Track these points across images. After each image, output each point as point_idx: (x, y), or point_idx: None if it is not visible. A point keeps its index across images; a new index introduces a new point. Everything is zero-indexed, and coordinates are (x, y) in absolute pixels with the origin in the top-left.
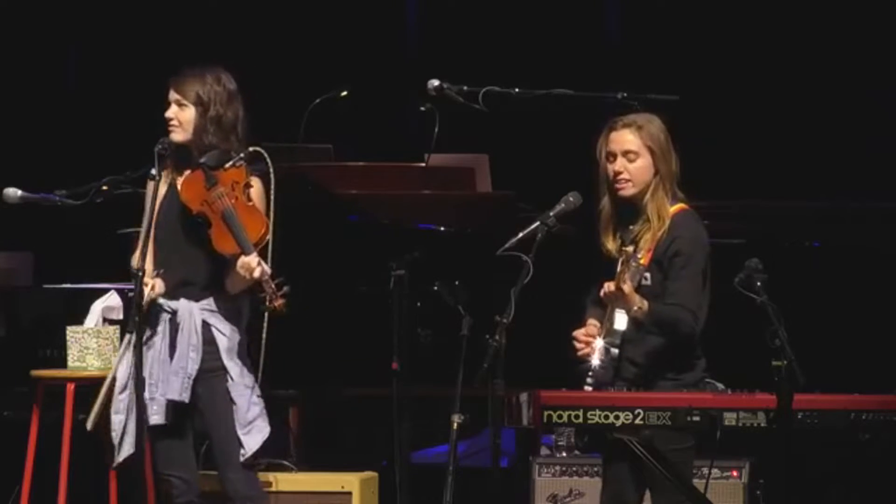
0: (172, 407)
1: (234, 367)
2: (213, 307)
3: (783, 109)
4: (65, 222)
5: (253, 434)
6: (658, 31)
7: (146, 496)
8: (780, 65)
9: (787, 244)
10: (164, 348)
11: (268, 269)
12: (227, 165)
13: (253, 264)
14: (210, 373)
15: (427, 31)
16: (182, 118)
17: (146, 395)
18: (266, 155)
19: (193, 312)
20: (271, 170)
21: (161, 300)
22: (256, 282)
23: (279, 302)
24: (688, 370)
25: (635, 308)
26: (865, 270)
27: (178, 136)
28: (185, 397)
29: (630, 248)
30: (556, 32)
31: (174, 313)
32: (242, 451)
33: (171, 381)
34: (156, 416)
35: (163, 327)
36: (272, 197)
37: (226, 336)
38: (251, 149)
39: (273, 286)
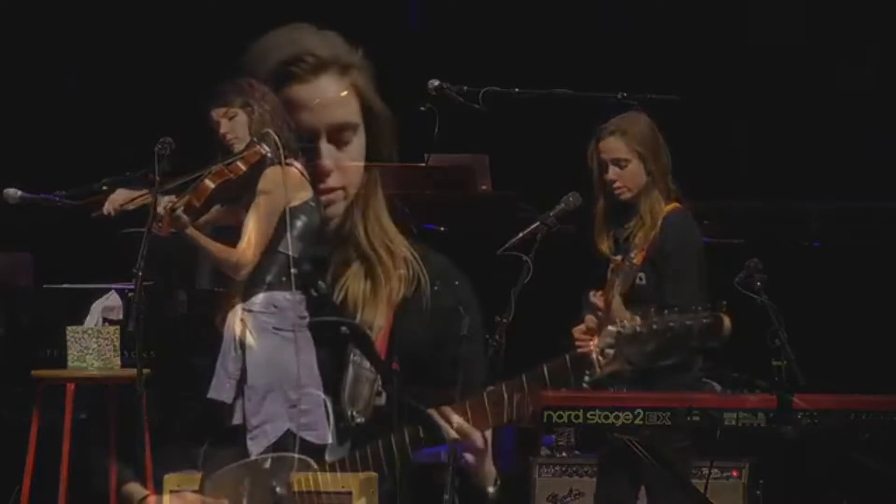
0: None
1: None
2: (249, 307)
3: (783, 110)
4: (65, 222)
5: None
6: (659, 30)
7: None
8: (780, 65)
9: (787, 244)
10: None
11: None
12: (245, 153)
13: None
14: None
15: (427, 30)
16: (237, 128)
17: None
18: (276, 138)
19: (236, 312)
20: (281, 153)
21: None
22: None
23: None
24: (684, 370)
25: (624, 321)
26: (865, 270)
27: (239, 145)
28: (227, 398)
29: (619, 258)
30: (557, 32)
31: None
32: None
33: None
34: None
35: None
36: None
37: (254, 338)
38: (265, 130)
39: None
